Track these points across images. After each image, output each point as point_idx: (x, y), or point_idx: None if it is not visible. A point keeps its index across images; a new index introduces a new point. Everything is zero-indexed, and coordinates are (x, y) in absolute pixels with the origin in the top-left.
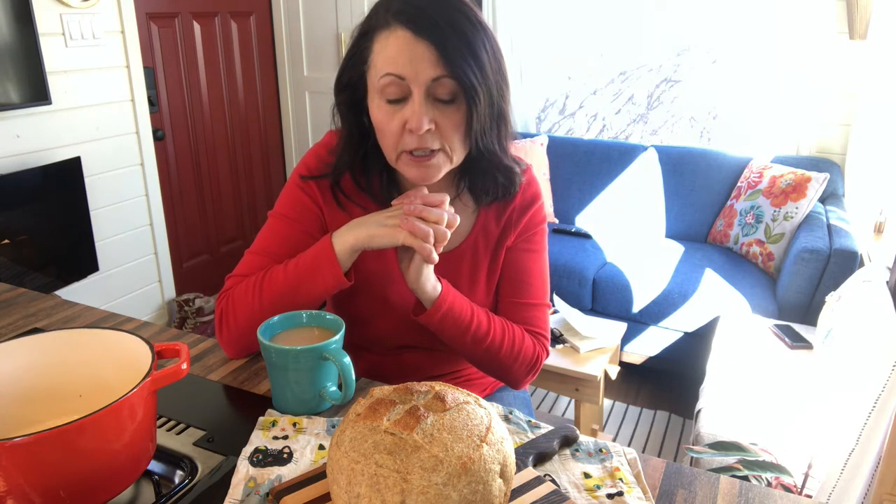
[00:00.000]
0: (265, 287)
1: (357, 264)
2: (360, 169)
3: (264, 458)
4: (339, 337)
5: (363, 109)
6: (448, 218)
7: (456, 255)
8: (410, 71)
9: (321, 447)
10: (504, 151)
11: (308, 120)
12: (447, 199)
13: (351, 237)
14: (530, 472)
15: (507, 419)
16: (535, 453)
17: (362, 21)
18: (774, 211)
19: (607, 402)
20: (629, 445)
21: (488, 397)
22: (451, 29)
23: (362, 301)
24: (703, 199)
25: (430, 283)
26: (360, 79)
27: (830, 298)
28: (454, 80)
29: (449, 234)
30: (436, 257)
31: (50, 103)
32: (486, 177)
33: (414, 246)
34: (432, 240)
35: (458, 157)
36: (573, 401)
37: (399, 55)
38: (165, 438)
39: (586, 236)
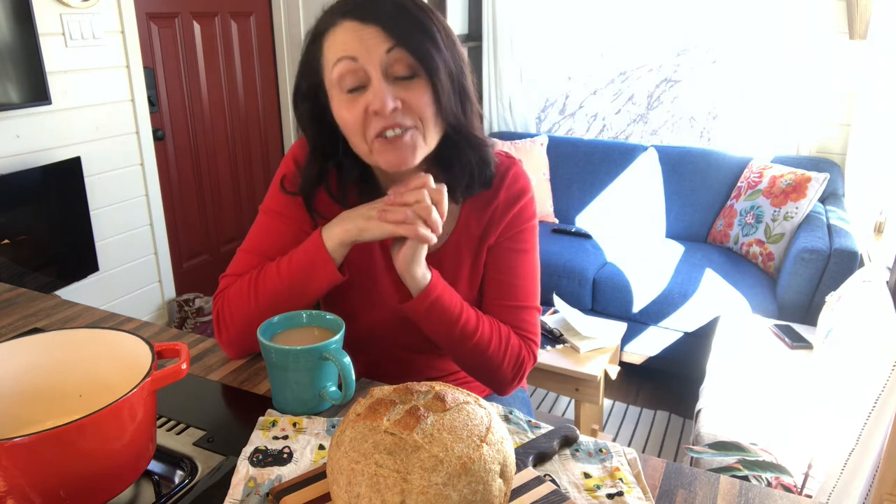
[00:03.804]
0: (259, 287)
1: (345, 259)
2: (336, 182)
3: (264, 458)
4: (339, 337)
5: (331, 117)
6: (431, 194)
7: (436, 257)
8: (362, 50)
9: (321, 447)
10: (471, 126)
11: None
12: (428, 178)
13: (340, 231)
14: (530, 472)
15: (507, 419)
16: (535, 453)
17: (310, 29)
18: (774, 211)
19: (607, 402)
20: (629, 445)
21: (488, 397)
22: (397, 10)
23: (350, 297)
24: (703, 199)
25: (420, 270)
26: (318, 85)
27: (830, 298)
28: (407, 51)
29: (432, 206)
30: (429, 235)
31: (50, 103)
32: (459, 160)
33: (401, 231)
34: (417, 220)
35: (433, 136)
36: (573, 401)
37: (348, 40)
38: (165, 438)
39: (586, 236)
